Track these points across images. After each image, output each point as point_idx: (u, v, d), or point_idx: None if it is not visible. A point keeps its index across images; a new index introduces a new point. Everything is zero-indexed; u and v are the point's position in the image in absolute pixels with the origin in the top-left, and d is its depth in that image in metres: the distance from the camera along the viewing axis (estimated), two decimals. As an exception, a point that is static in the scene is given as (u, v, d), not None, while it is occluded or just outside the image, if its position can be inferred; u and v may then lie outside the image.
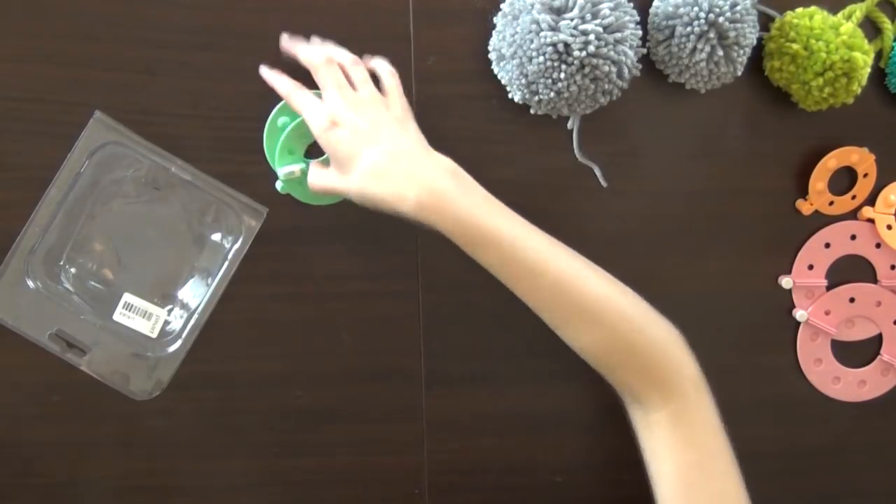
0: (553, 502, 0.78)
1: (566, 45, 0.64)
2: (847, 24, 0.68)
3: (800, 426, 0.80)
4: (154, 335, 0.70)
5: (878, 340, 0.80)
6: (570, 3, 0.64)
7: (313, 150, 0.69)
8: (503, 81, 0.69)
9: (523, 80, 0.66)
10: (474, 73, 0.70)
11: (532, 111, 0.69)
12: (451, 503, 0.76)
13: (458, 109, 0.71)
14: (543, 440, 0.77)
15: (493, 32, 0.69)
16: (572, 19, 0.64)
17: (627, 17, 0.66)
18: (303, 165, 0.68)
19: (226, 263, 0.69)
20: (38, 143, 0.67)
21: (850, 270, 0.78)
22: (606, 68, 0.65)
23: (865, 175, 0.75)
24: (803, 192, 0.76)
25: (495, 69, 0.69)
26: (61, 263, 0.68)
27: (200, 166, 0.68)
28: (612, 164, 0.73)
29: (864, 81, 0.70)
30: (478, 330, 0.74)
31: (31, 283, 0.68)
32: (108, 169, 0.68)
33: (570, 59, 0.64)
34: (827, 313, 0.78)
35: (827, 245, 0.77)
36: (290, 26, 0.68)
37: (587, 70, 0.65)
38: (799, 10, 0.70)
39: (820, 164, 0.74)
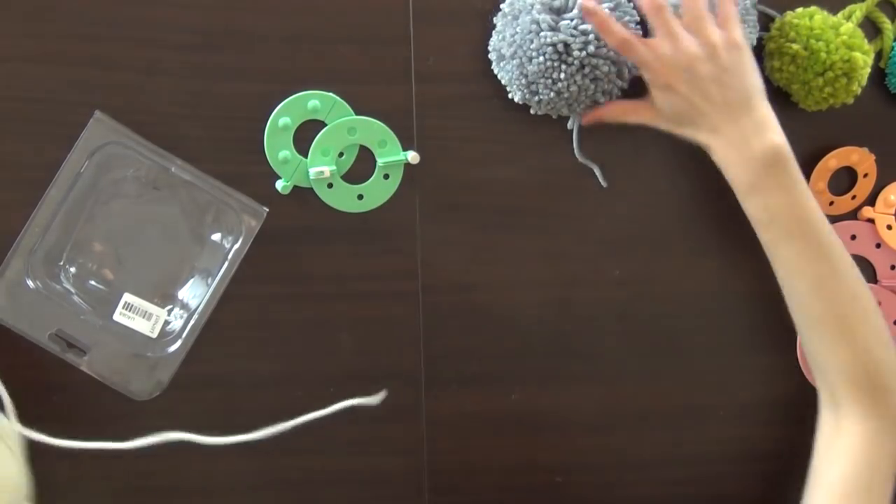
0: (553, 502, 0.78)
1: (566, 45, 0.64)
2: (847, 24, 0.68)
3: (800, 426, 0.80)
4: (154, 335, 0.69)
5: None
6: (570, 3, 0.64)
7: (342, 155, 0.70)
8: (503, 81, 0.69)
9: (523, 80, 0.67)
10: (474, 73, 0.70)
11: (532, 111, 0.69)
12: (450, 503, 0.76)
13: (458, 109, 0.71)
14: (543, 440, 0.77)
15: (493, 32, 0.69)
16: (572, 19, 0.64)
17: (627, 17, 0.66)
18: (333, 167, 0.69)
19: (226, 263, 0.69)
20: (38, 143, 0.67)
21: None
22: (606, 68, 0.65)
23: (866, 175, 0.75)
24: (803, 192, 0.76)
25: (495, 69, 0.69)
26: (61, 263, 0.68)
27: (200, 166, 0.68)
28: (612, 164, 0.73)
29: (864, 81, 0.70)
30: (478, 330, 0.74)
31: (31, 283, 0.68)
32: (108, 169, 0.68)
33: (570, 59, 0.64)
34: None
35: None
36: (290, 26, 0.68)
37: (587, 70, 0.65)
38: (799, 10, 0.70)
39: (820, 164, 0.74)
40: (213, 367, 0.71)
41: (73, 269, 0.69)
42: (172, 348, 0.70)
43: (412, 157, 0.70)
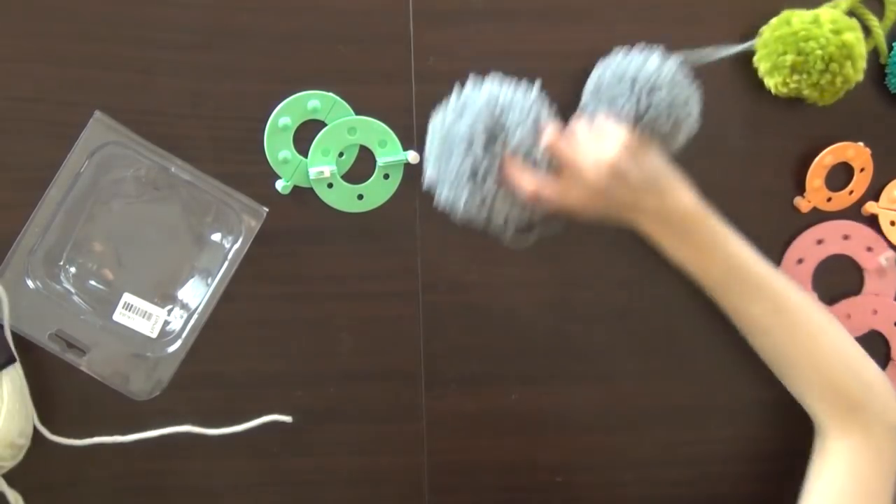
0: (553, 502, 0.78)
1: (485, 174, 0.65)
2: (825, 12, 0.68)
3: (800, 426, 0.80)
4: (154, 335, 0.70)
5: (886, 345, 0.80)
6: (510, 133, 0.65)
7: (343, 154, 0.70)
8: (426, 152, 0.69)
9: (437, 167, 0.67)
10: (474, 73, 0.70)
11: (423, 186, 0.70)
12: (450, 503, 0.76)
13: (458, 109, 0.71)
14: (543, 440, 0.77)
15: (443, 106, 0.68)
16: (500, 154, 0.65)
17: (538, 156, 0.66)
18: (333, 167, 0.69)
19: (226, 263, 0.69)
20: (38, 143, 0.67)
21: (833, 274, 0.78)
22: (505, 214, 0.67)
23: (862, 170, 0.75)
24: (802, 190, 0.76)
25: (428, 133, 0.69)
26: (61, 263, 0.68)
27: (200, 166, 0.68)
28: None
29: (865, 54, 0.69)
30: (478, 330, 0.74)
31: (31, 283, 0.68)
32: (108, 169, 0.68)
33: (478, 186, 0.65)
34: None
35: (800, 261, 0.77)
36: (289, 26, 0.68)
37: (486, 203, 0.66)
38: (773, 21, 0.70)
39: (816, 161, 0.74)
40: (213, 366, 0.71)
41: (73, 269, 0.69)
42: (172, 348, 0.70)
43: (412, 157, 0.70)
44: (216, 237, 0.70)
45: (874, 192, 0.77)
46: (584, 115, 0.69)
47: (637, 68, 0.67)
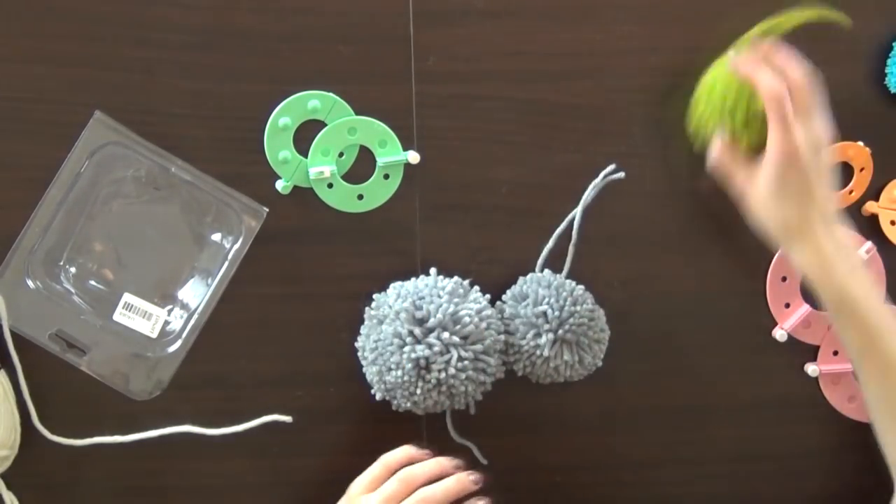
0: (553, 502, 0.78)
1: (427, 360, 0.64)
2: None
3: (799, 426, 0.80)
4: (154, 335, 0.70)
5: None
6: (434, 314, 0.65)
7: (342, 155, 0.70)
8: (368, 379, 0.69)
9: (382, 386, 0.67)
10: (474, 73, 0.71)
11: (393, 408, 0.69)
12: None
13: (458, 109, 0.71)
14: (543, 440, 0.77)
15: (361, 330, 0.70)
16: (437, 336, 0.64)
17: (487, 325, 0.67)
18: (333, 167, 0.69)
19: (226, 263, 0.70)
20: (38, 143, 0.67)
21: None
22: (463, 388, 0.66)
23: (862, 170, 0.75)
24: (802, 192, 0.76)
25: (363, 364, 0.69)
26: (61, 263, 0.68)
27: (200, 166, 0.68)
28: (612, 164, 0.73)
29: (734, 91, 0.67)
30: (478, 330, 0.74)
31: (31, 283, 0.68)
32: (108, 169, 0.68)
33: (428, 376, 0.65)
34: (835, 354, 0.78)
35: (784, 278, 0.77)
36: (289, 26, 0.68)
37: (444, 388, 0.66)
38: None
39: (817, 162, 0.74)
40: (213, 367, 0.71)
41: (73, 269, 0.69)
42: (172, 348, 0.70)
43: (412, 157, 0.70)
44: (216, 237, 0.70)
45: (874, 192, 0.77)
46: (505, 307, 0.70)
47: (563, 281, 0.70)
